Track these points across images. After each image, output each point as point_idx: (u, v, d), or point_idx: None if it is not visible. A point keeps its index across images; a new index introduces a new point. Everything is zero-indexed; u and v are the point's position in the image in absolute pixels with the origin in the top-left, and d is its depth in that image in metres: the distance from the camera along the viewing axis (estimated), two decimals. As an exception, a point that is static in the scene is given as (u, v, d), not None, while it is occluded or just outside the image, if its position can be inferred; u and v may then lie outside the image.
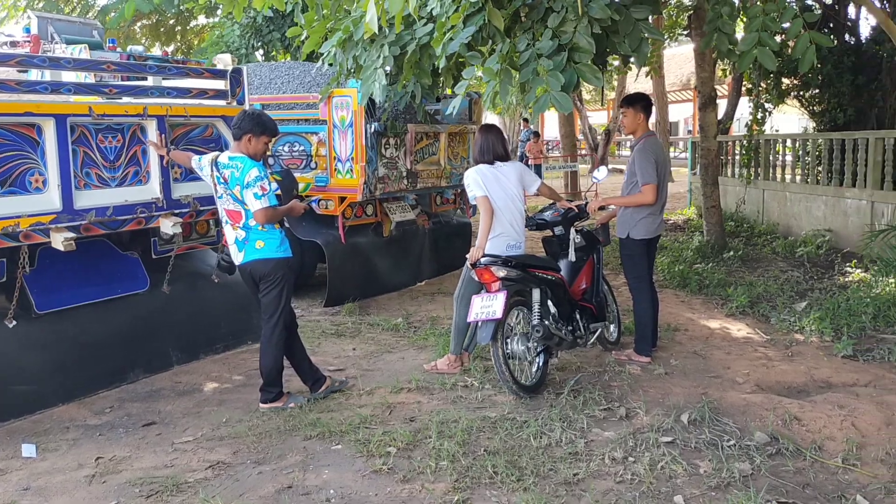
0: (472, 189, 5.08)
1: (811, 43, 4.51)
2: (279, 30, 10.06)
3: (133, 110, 4.87)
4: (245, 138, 4.53)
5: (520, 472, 3.73)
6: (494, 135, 5.25)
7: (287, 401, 4.73)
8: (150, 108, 4.92)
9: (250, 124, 4.52)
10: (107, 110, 4.73)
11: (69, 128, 4.50)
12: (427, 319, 6.88)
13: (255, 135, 4.52)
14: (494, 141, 5.20)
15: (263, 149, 4.59)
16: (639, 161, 5.30)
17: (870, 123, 11.03)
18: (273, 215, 4.54)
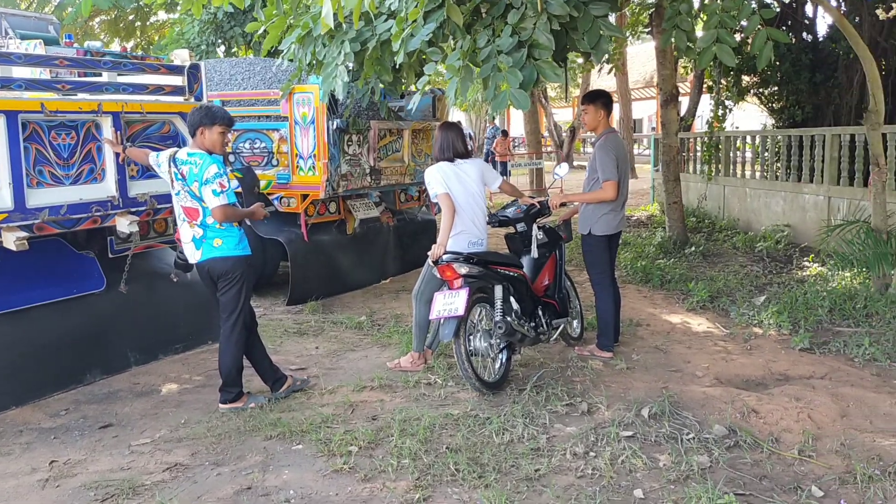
0: (432, 187, 5.07)
1: (768, 39, 4.56)
2: (240, 25, 9.93)
3: (87, 107, 4.76)
4: (199, 132, 4.48)
5: (481, 469, 3.73)
6: (454, 132, 5.24)
7: (247, 401, 4.68)
8: (104, 105, 4.81)
9: (200, 117, 4.47)
10: (60, 107, 4.62)
11: (20, 125, 4.39)
12: (391, 317, 6.85)
13: (207, 126, 4.46)
14: (454, 138, 5.19)
15: (220, 140, 4.51)
16: (600, 157, 5.33)
17: (827, 120, 11.24)
18: (232, 215, 4.48)
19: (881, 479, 3.52)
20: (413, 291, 5.38)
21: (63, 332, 4.99)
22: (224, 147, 4.56)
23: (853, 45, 6.47)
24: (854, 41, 6.37)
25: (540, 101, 18.72)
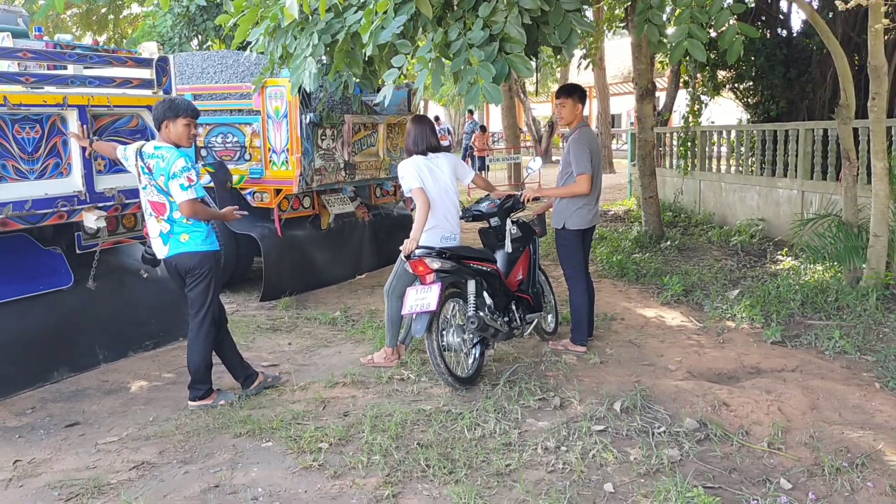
0: (407, 181, 5.03)
1: (738, 34, 4.57)
2: (213, 19, 9.80)
3: (52, 100, 4.68)
4: (163, 126, 4.42)
5: (452, 465, 3.71)
6: (427, 125, 5.21)
7: (217, 398, 4.62)
8: (70, 98, 4.74)
9: (164, 110, 4.40)
10: (23, 100, 4.54)
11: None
12: (365, 313, 6.81)
13: (171, 119, 4.39)
14: (427, 132, 5.16)
15: (186, 132, 4.44)
16: (574, 151, 5.32)
17: (801, 115, 11.33)
18: (201, 212, 4.41)
19: (848, 471, 3.54)
20: (385, 287, 5.35)
21: (30, 330, 4.91)
22: (191, 140, 4.49)
23: (825, 40, 6.51)
24: (826, 36, 6.41)
25: (518, 96, 18.73)
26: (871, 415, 4.23)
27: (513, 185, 15.79)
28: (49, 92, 4.79)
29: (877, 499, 3.33)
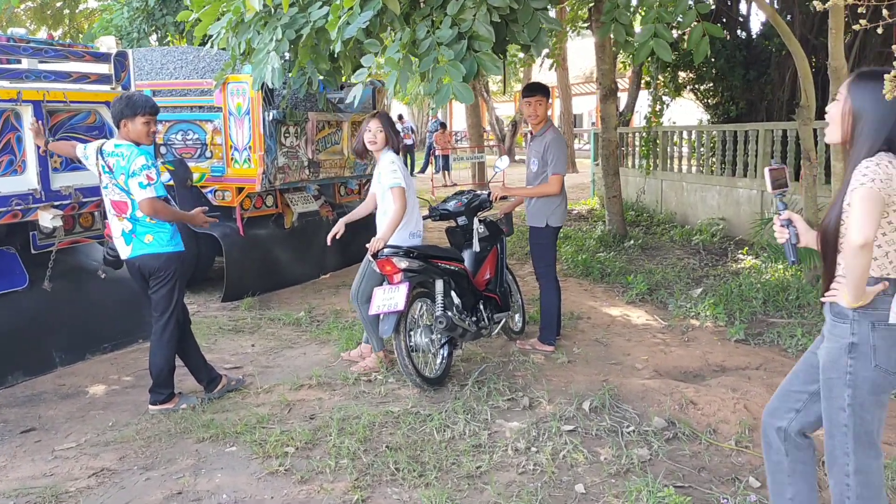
0: (395, 177, 4.87)
1: (704, 34, 4.59)
2: (172, 13, 9.61)
3: (5, 95, 4.52)
4: (122, 124, 4.28)
5: (422, 468, 3.66)
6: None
7: (178, 402, 4.51)
8: (24, 93, 4.59)
9: (121, 107, 4.26)
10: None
11: (-69, 113, 4.15)
12: (330, 313, 6.72)
13: (129, 117, 4.25)
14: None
15: (146, 130, 4.29)
16: (555, 149, 5.33)
17: (760, 116, 11.51)
18: (164, 211, 4.26)
19: (819, 468, 3.57)
20: (351, 292, 5.27)
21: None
22: (151, 137, 4.36)
23: (786, 41, 6.59)
24: (787, 37, 6.49)
25: (482, 95, 18.73)
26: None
27: (477, 183, 15.79)
28: (2, 87, 4.62)
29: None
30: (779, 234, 2.64)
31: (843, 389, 2.43)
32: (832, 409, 2.49)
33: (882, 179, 2.27)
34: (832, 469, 2.53)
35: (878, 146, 2.35)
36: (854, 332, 2.41)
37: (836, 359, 2.45)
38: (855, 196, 2.28)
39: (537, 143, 5.47)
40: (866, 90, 2.38)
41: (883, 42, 10.22)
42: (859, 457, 2.45)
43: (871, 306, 2.38)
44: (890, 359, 2.39)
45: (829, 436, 2.52)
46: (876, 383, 2.40)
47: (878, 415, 2.45)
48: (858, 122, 2.40)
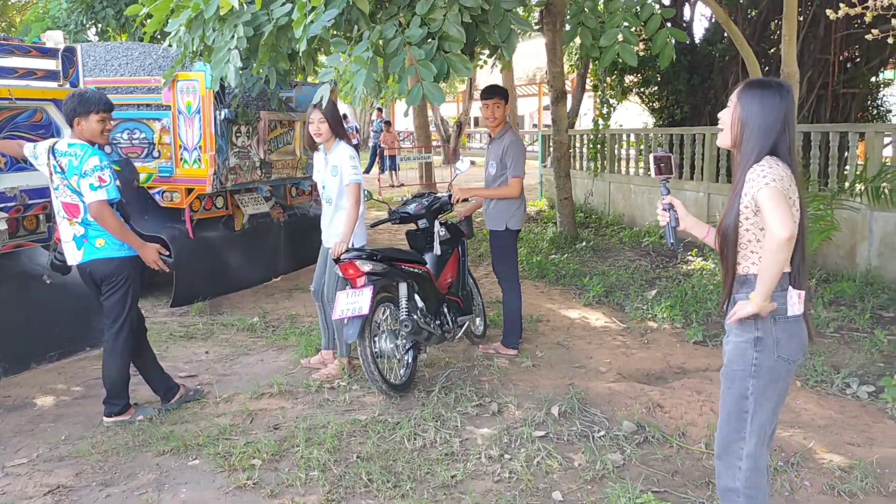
0: (354, 172, 4.82)
1: (669, 39, 4.62)
2: (113, 6, 9.24)
3: (-55, 90, 4.26)
4: (75, 122, 4.08)
5: (396, 478, 3.57)
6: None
7: (135, 413, 4.31)
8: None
9: (74, 105, 4.06)
10: (-88, 90, 4.11)
11: None
12: (286, 317, 6.56)
13: (83, 115, 4.06)
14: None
15: (100, 128, 4.11)
16: (514, 152, 5.29)
17: (704, 120, 11.73)
18: (110, 218, 4.02)
19: (786, 471, 3.62)
20: (314, 289, 5.15)
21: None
22: (106, 135, 4.17)
23: (738, 47, 6.71)
24: (739, 43, 6.61)
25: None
26: (798, 413, 4.35)
27: (424, 184, 15.71)
28: (-60, 82, 4.36)
29: (815, 498, 3.41)
30: (661, 217, 2.79)
31: (747, 380, 2.59)
32: (733, 398, 2.65)
33: (776, 179, 2.42)
34: (724, 455, 2.71)
35: (765, 151, 2.49)
36: (758, 327, 2.55)
37: (743, 352, 2.59)
38: (763, 196, 2.42)
39: (496, 146, 5.42)
40: (753, 99, 2.53)
41: (821, 50, 10.54)
42: (754, 442, 2.63)
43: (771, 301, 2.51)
44: (790, 349, 2.56)
45: (725, 422, 2.70)
46: (777, 372, 2.57)
47: (775, 402, 2.64)
48: (745, 128, 2.54)
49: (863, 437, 4.00)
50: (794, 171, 2.50)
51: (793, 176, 2.48)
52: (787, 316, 2.54)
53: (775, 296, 2.50)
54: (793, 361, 2.57)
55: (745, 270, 2.57)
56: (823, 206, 6.79)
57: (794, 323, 2.56)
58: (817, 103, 10.85)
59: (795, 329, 2.56)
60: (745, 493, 2.64)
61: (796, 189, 2.50)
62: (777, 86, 2.53)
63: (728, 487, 2.69)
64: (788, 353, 2.55)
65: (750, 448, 2.62)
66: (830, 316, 6.10)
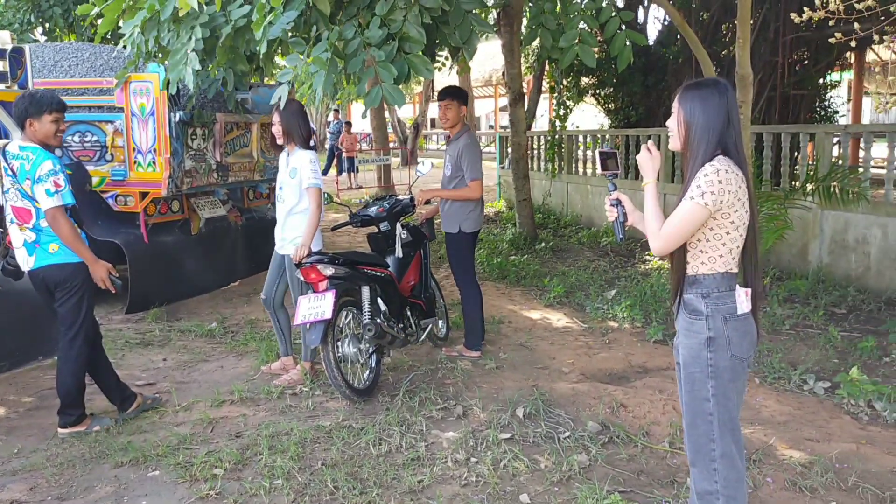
0: (314, 176, 4.77)
1: (627, 42, 4.66)
2: (61, 5, 9.01)
3: None
4: (27, 123, 3.97)
5: (362, 485, 3.52)
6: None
7: (91, 423, 4.20)
8: None
9: (25, 106, 3.95)
10: None
11: None
12: (245, 323, 6.46)
13: (35, 116, 3.95)
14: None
15: (53, 129, 4.00)
16: (469, 155, 5.26)
17: (658, 121, 11.90)
18: (65, 227, 3.91)
19: (749, 468, 3.66)
20: (264, 297, 5.08)
21: None
22: (59, 137, 4.05)
23: (693, 49, 6.80)
24: (695, 46, 6.69)
25: (384, 97, 18.57)
26: (758, 410, 4.42)
27: (382, 186, 15.63)
28: None
29: (778, 494, 3.46)
30: (609, 212, 2.82)
31: (706, 381, 2.59)
32: (696, 401, 2.64)
33: (714, 192, 2.44)
34: (697, 459, 2.69)
35: (711, 150, 2.52)
36: (710, 328, 2.57)
37: (697, 354, 2.60)
38: (683, 206, 2.49)
39: (452, 148, 5.41)
40: (694, 100, 2.56)
41: (770, 52, 10.76)
42: (725, 441, 2.62)
43: (721, 301, 2.55)
44: (742, 347, 2.57)
45: (691, 426, 2.69)
46: (733, 371, 2.58)
47: (736, 401, 2.63)
48: (690, 130, 2.57)
49: (821, 432, 4.08)
50: (744, 168, 2.53)
51: (743, 175, 2.51)
52: (737, 315, 2.56)
53: (724, 296, 2.54)
54: (745, 359, 2.59)
55: (695, 270, 2.59)
56: (777, 205, 6.94)
57: (744, 321, 2.58)
58: (767, 105, 11.08)
59: (746, 327, 2.59)
60: (725, 494, 2.64)
61: (746, 190, 2.52)
62: (714, 84, 2.56)
63: (706, 490, 2.67)
64: (741, 351, 2.57)
65: (722, 448, 2.62)
66: (785, 313, 6.23)
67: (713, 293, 2.56)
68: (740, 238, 2.56)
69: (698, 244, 2.56)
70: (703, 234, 2.54)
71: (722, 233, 2.52)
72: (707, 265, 2.56)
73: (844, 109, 15.26)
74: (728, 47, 11.35)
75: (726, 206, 2.47)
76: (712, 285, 2.56)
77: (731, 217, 2.50)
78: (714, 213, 2.48)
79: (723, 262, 2.55)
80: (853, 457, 3.76)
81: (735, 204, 2.49)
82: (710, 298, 2.56)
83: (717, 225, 2.51)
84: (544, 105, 20.58)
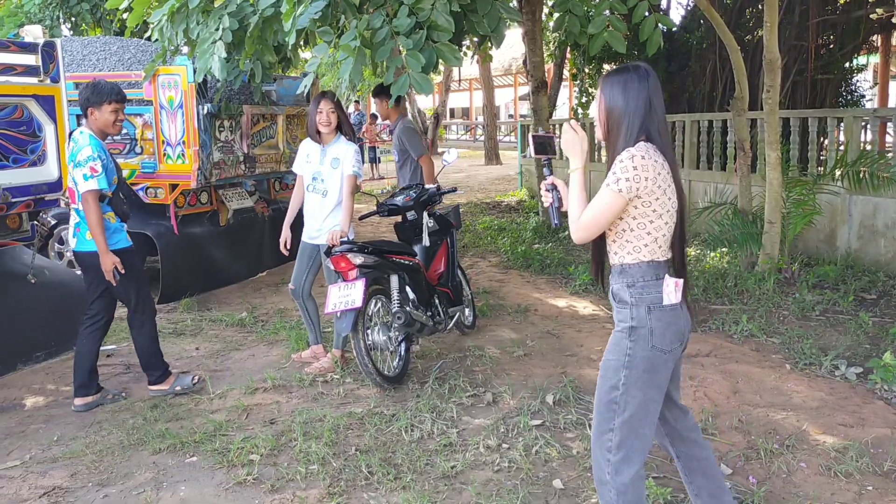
0: (356, 166, 4.89)
1: (657, 25, 4.64)
2: (88, 0, 9.10)
3: (-75, 88, 4.17)
4: (89, 112, 4.24)
5: (396, 470, 3.57)
6: None
7: (174, 382, 4.63)
8: (-56, 86, 4.23)
9: (87, 95, 4.22)
10: None
11: None
12: (274, 312, 6.52)
13: (95, 105, 4.21)
14: None
15: (112, 118, 4.27)
16: (408, 138, 5.83)
17: (682, 107, 11.79)
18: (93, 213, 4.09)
19: (782, 453, 3.66)
20: (293, 287, 5.14)
21: None
22: (118, 127, 4.33)
23: (720, 33, 6.75)
24: (721, 30, 6.64)
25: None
26: (789, 396, 4.40)
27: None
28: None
29: (812, 479, 3.45)
30: (544, 197, 2.74)
31: (620, 370, 2.52)
32: (605, 388, 2.57)
33: (629, 178, 2.39)
34: (596, 447, 2.62)
35: (633, 137, 2.45)
36: (633, 317, 2.51)
37: (618, 342, 2.54)
38: (599, 194, 2.44)
39: (394, 138, 5.99)
40: (614, 87, 2.50)
41: (796, 36, 10.63)
42: (623, 432, 2.54)
43: (646, 291, 2.49)
44: (665, 339, 2.51)
45: (596, 412, 2.62)
46: (651, 362, 2.50)
47: (649, 394, 2.54)
48: (611, 117, 2.51)
49: (854, 417, 4.06)
50: (668, 154, 2.47)
51: (666, 162, 2.45)
52: (663, 305, 2.49)
53: (649, 285, 2.49)
54: (669, 351, 2.52)
55: (621, 260, 2.53)
56: (805, 191, 6.89)
57: (671, 312, 2.52)
58: (793, 89, 10.96)
59: (671, 318, 2.52)
60: (616, 489, 2.54)
61: (670, 176, 2.46)
62: (635, 69, 2.50)
63: (600, 480, 2.60)
64: (663, 343, 2.50)
65: (618, 440, 2.53)
66: (815, 299, 6.18)
67: (638, 282, 2.50)
68: (666, 227, 2.50)
69: (623, 233, 2.50)
70: (627, 222, 2.48)
71: (645, 221, 2.46)
72: (632, 254, 2.50)
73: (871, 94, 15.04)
74: (752, 32, 11.22)
75: (645, 193, 2.42)
76: (637, 274, 2.50)
77: (653, 205, 2.45)
78: (631, 199, 2.42)
79: (648, 250, 2.49)
80: (888, 441, 3.74)
81: (655, 191, 2.43)
82: (635, 287, 2.50)
83: (640, 213, 2.45)
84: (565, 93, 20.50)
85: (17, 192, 4.60)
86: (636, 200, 2.43)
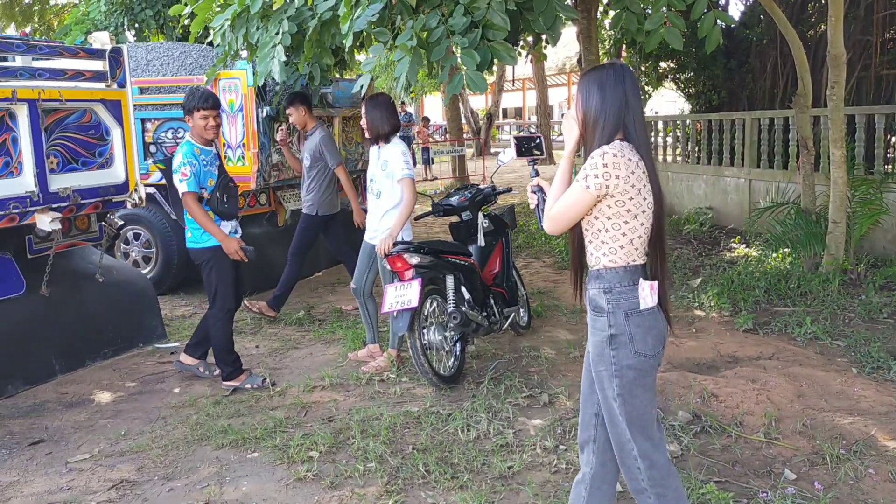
0: (406, 167, 4.82)
1: (716, 22, 4.55)
2: (152, 7, 9.36)
3: (0, 94, 4.33)
4: (187, 119, 4.54)
5: (453, 469, 3.58)
6: None
7: (245, 380, 4.77)
8: (19, 92, 4.37)
9: (185, 102, 4.55)
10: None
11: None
12: (331, 311, 6.61)
13: (189, 112, 4.50)
14: None
15: (203, 124, 4.52)
16: (327, 145, 6.11)
17: (741, 105, 11.56)
18: (196, 212, 4.46)
19: (849, 459, 3.56)
20: (354, 286, 5.19)
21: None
22: (212, 132, 4.55)
23: (782, 28, 6.61)
24: (784, 26, 6.50)
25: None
26: (856, 400, 4.28)
27: (457, 177, 15.70)
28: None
29: (882, 486, 3.35)
30: (530, 199, 2.74)
31: (612, 380, 2.47)
32: (606, 401, 2.53)
33: (598, 175, 2.35)
34: (621, 456, 2.57)
35: (608, 135, 2.42)
36: (612, 324, 2.45)
37: (601, 352, 2.49)
38: (570, 189, 2.43)
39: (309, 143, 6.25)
40: (591, 86, 2.47)
41: (861, 31, 10.31)
42: (639, 441, 2.50)
43: (623, 297, 2.43)
44: (647, 344, 2.45)
45: (610, 425, 2.56)
46: (639, 369, 2.46)
47: (645, 398, 2.50)
48: (587, 115, 2.48)
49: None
50: (644, 152, 2.42)
51: (641, 161, 2.40)
52: (640, 310, 2.43)
53: (626, 290, 2.43)
54: (652, 356, 2.47)
55: (598, 263, 2.48)
56: (872, 190, 6.69)
57: (649, 316, 2.45)
58: (858, 85, 10.63)
59: (651, 322, 2.46)
60: (654, 493, 2.52)
61: (645, 175, 2.40)
62: (611, 67, 2.47)
63: (636, 489, 2.57)
64: (646, 349, 2.45)
65: (638, 448, 2.50)
66: (883, 301, 5.99)
67: (615, 288, 2.44)
68: (642, 228, 2.44)
69: (598, 234, 2.45)
70: (602, 222, 2.43)
71: (620, 222, 2.41)
72: (608, 256, 2.45)
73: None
74: (815, 27, 10.93)
75: (616, 191, 2.37)
76: (614, 280, 2.44)
77: (627, 205, 2.39)
78: (603, 198, 2.38)
79: (624, 252, 2.44)
80: (962, 449, 3.61)
81: (629, 191, 2.37)
82: (611, 294, 2.44)
83: (614, 214, 2.40)
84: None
85: (86, 193, 4.75)
86: (608, 199, 2.39)
